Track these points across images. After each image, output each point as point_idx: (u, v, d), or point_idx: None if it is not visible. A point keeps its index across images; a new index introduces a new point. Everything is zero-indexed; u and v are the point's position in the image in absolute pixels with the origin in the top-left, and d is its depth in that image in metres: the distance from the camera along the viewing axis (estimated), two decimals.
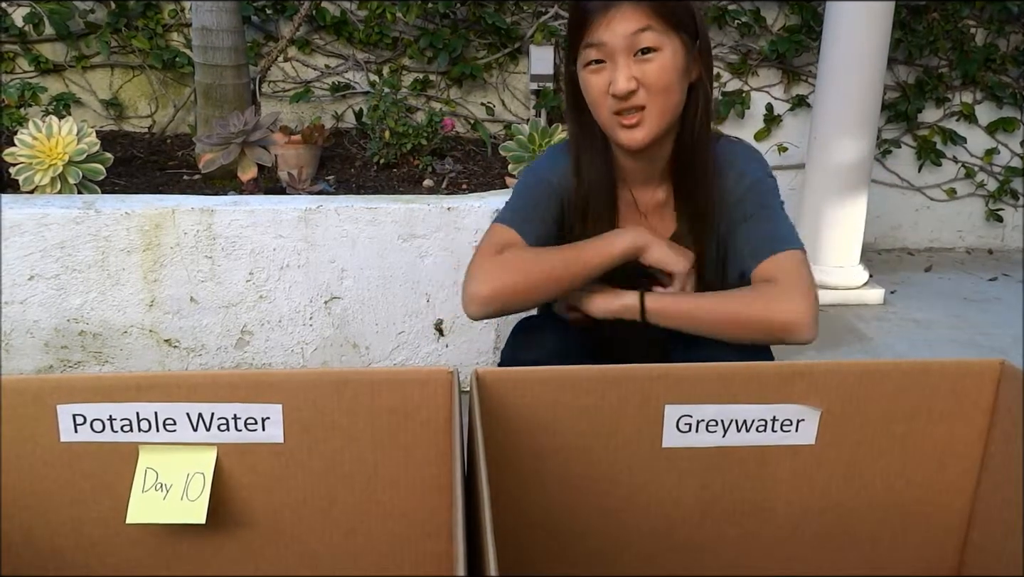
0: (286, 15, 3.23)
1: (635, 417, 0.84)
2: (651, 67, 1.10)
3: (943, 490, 0.91)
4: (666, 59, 1.10)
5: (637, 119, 1.12)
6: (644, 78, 1.10)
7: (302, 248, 2.00)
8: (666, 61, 1.10)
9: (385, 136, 2.71)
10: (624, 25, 1.09)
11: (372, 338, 2.10)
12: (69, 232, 1.92)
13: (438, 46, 3.24)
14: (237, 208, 1.97)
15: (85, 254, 1.94)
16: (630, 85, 1.10)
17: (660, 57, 1.10)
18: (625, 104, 1.11)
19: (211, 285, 2.01)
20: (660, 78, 1.10)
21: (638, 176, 1.23)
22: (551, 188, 1.24)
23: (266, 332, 2.07)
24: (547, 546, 0.90)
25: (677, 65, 1.12)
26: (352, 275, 2.04)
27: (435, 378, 0.80)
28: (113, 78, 3.28)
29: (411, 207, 2.00)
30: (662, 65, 1.10)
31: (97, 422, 0.79)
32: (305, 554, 0.87)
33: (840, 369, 0.85)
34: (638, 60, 1.10)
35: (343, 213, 1.99)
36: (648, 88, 1.11)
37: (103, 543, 0.85)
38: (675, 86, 1.13)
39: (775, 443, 0.87)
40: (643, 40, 1.09)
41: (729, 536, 0.92)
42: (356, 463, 0.83)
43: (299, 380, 0.79)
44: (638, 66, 1.10)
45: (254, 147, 2.26)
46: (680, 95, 1.15)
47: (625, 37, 1.09)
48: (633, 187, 1.25)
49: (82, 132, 2.19)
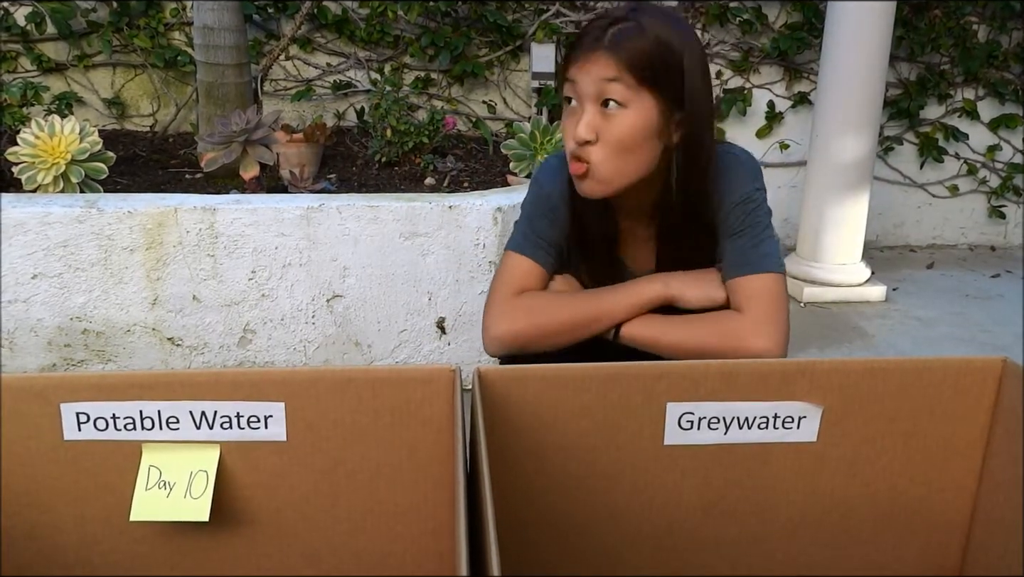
0: (288, 13, 3.23)
1: (637, 414, 0.84)
2: (612, 123, 1.06)
3: (945, 488, 0.91)
4: (630, 117, 1.05)
5: (584, 169, 1.08)
6: (603, 132, 1.06)
7: (304, 246, 2.00)
8: (630, 119, 1.05)
9: (387, 134, 2.71)
10: (595, 70, 1.05)
11: (374, 336, 2.10)
12: (72, 231, 1.93)
13: (439, 44, 3.24)
14: (239, 207, 1.97)
15: (88, 253, 1.95)
16: (587, 135, 1.06)
17: (623, 114, 1.05)
18: (581, 152, 1.08)
19: (213, 284, 2.01)
20: (619, 135, 1.06)
21: (623, 210, 1.20)
22: (552, 202, 1.21)
23: (268, 330, 2.07)
24: (549, 544, 0.90)
25: (644, 124, 1.06)
26: (354, 273, 2.04)
27: (437, 376, 0.80)
28: (115, 77, 3.28)
29: (413, 205, 2.00)
30: (623, 124, 1.06)
31: (100, 420, 0.79)
32: (307, 552, 0.88)
33: (842, 367, 0.84)
34: (603, 112, 1.06)
35: (345, 211, 1.99)
36: (604, 144, 1.07)
37: (106, 541, 0.85)
38: (637, 146, 1.07)
39: (777, 440, 0.87)
40: (610, 91, 1.04)
41: (731, 533, 0.92)
42: (358, 461, 0.83)
43: (302, 378, 0.80)
44: (602, 118, 1.06)
45: (256, 146, 2.26)
46: (645, 156, 1.09)
47: (593, 83, 1.05)
48: (623, 221, 1.21)
49: (84, 131, 2.20)
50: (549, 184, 1.23)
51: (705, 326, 1.11)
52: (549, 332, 1.13)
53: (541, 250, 1.19)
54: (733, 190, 1.15)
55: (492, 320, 1.14)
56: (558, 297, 1.17)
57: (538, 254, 1.19)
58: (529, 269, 1.18)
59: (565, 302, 1.15)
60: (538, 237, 1.20)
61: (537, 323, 1.13)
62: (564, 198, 1.20)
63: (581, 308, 1.14)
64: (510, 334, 1.13)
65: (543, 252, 1.19)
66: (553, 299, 1.16)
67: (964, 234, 3.76)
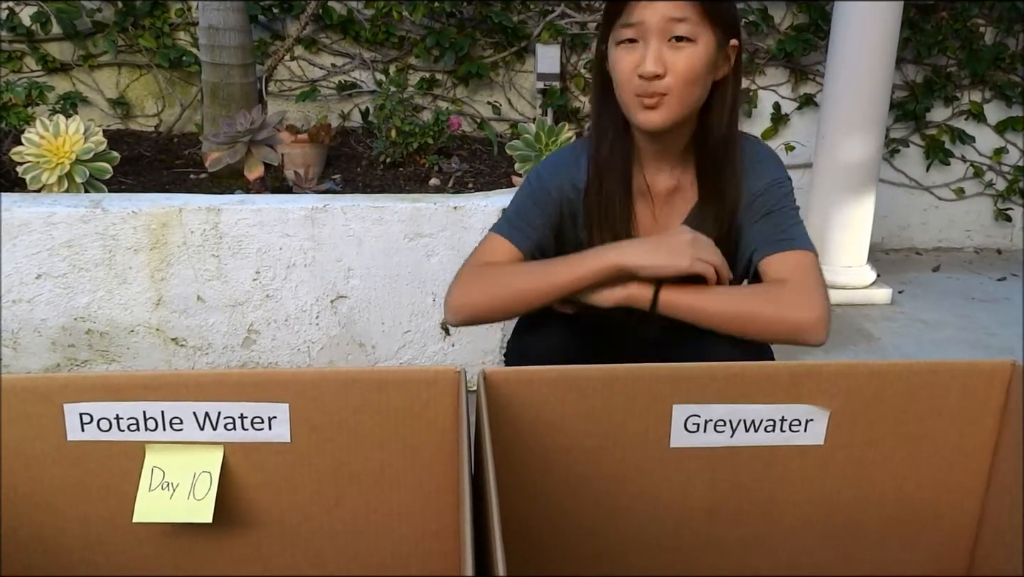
0: (293, 14, 3.23)
1: (643, 417, 0.84)
2: (681, 56, 1.11)
3: (953, 491, 0.91)
4: (697, 51, 1.11)
5: (657, 101, 1.13)
6: (673, 66, 1.11)
7: (308, 247, 2.00)
8: (697, 53, 1.11)
9: (391, 135, 2.71)
10: (664, 8, 1.10)
11: (378, 337, 2.10)
12: (76, 231, 1.93)
13: (444, 45, 3.24)
14: (244, 207, 1.97)
15: (92, 253, 1.95)
16: (657, 68, 1.10)
17: (692, 48, 1.11)
18: (649, 87, 1.12)
19: (218, 284, 2.01)
20: (688, 69, 1.11)
21: (652, 160, 1.24)
22: (549, 196, 1.24)
23: (272, 331, 2.07)
24: (554, 546, 0.90)
25: (707, 59, 1.12)
26: (358, 274, 2.04)
27: (442, 377, 0.79)
28: (120, 77, 3.29)
29: (417, 206, 2.00)
30: (692, 56, 1.11)
31: (104, 421, 0.79)
32: (311, 554, 0.87)
33: (849, 369, 0.84)
34: (670, 46, 1.11)
35: (349, 212, 1.99)
36: (675, 76, 1.11)
37: (109, 542, 0.85)
38: (701, 79, 1.14)
39: (784, 443, 0.86)
40: (678, 28, 1.10)
41: (737, 536, 0.91)
42: (363, 462, 0.83)
43: (306, 379, 0.79)
44: (669, 52, 1.11)
45: (261, 146, 2.26)
46: (703, 89, 1.16)
47: (663, 19, 1.10)
48: (647, 171, 1.25)
49: (89, 131, 2.20)
50: (550, 177, 1.25)
51: (749, 294, 1.14)
52: (498, 302, 1.16)
53: (519, 232, 1.22)
54: (761, 176, 1.20)
55: (450, 291, 1.19)
56: (511, 268, 1.19)
57: (514, 235, 1.22)
58: (499, 246, 1.22)
59: (515, 271, 1.18)
60: (522, 221, 1.23)
61: (488, 292, 1.16)
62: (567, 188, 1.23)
63: (529, 278, 1.16)
64: (461, 303, 1.17)
65: (520, 233, 1.22)
66: (506, 270, 1.19)
67: (970, 237, 3.74)
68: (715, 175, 1.21)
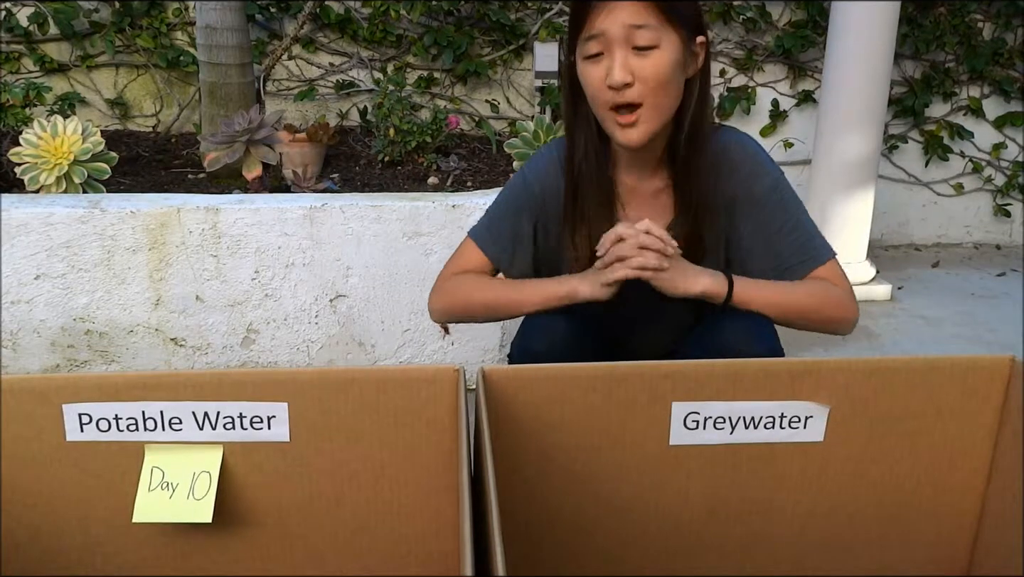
0: (290, 13, 3.23)
1: (642, 414, 0.84)
2: (648, 63, 1.10)
3: (953, 488, 0.91)
4: (664, 56, 1.10)
5: (634, 118, 1.12)
6: (640, 73, 1.10)
7: (307, 246, 2.00)
8: (663, 58, 1.10)
9: (390, 134, 2.71)
10: (623, 15, 1.09)
11: (378, 336, 2.10)
12: (75, 231, 1.93)
13: (443, 43, 3.23)
14: (242, 207, 1.97)
15: (91, 253, 1.95)
16: (625, 77, 1.09)
17: (657, 54, 1.10)
18: (621, 98, 1.11)
19: (216, 284, 2.01)
20: (656, 76, 1.10)
21: (633, 165, 1.24)
22: (532, 198, 1.27)
23: (272, 330, 2.07)
24: (554, 544, 0.90)
25: (674, 61, 1.11)
26: (357, 273, 2.04)
27: (441, 376, 0.79)
28: (118, 77, 3.28)
29: (416, 205, 2.00)
30: (659, 62, 1.10)
31: (103, 421, 0.79)
32: (311, 553, 0.87)
33: (849, 366, 0.84)
34: (636, 54, 1.10)
35: (348, 211, 1.98)
36: (644, 84, 1.11)
37: (109, 542, 0.85)
38: (671, 83, 1.12)
39: (783, 440, 0.86)
40: (640, 37, 1.09)
41: (737, 533, 0.91)
42: (362, 462, 0.83)
43: (305, 379, 0.79)
44: (636, 60, 1.10)
45: (259, 146, 2.26)
46: (677, 91, 1.15)
47: (623, 27, 1.09)
48: (627, 175, 1.25)
49: (87, 131, 2.19)
50: (535, 176, 1.27)
51: (818, 291, 1.20)
52: (468, 311, 1.28)
53: (496, 245, 1.29)
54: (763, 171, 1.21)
55: (430, 294, 1.32)
56: (482, 282, 1.28)
57: (489, 248, 1.29)
58: (474, 258, 1.30)
59: (486, 286, 1.27)
60: (500, 230, 1.29)
61: (458, 302, 1.28)
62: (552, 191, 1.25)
63: (497, 295, 1.25)
64: (438, 308, 1.31)
65: (495, 246, 1.29)
66: (477, 283, 1.28)
67: (969, 232, 3.74)
68: (692, 172, 1.20)
